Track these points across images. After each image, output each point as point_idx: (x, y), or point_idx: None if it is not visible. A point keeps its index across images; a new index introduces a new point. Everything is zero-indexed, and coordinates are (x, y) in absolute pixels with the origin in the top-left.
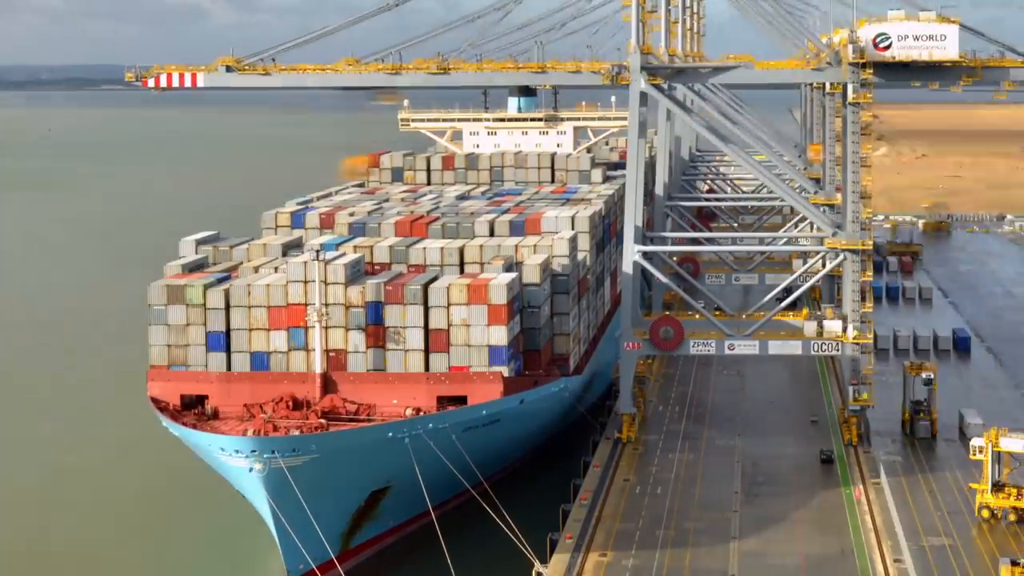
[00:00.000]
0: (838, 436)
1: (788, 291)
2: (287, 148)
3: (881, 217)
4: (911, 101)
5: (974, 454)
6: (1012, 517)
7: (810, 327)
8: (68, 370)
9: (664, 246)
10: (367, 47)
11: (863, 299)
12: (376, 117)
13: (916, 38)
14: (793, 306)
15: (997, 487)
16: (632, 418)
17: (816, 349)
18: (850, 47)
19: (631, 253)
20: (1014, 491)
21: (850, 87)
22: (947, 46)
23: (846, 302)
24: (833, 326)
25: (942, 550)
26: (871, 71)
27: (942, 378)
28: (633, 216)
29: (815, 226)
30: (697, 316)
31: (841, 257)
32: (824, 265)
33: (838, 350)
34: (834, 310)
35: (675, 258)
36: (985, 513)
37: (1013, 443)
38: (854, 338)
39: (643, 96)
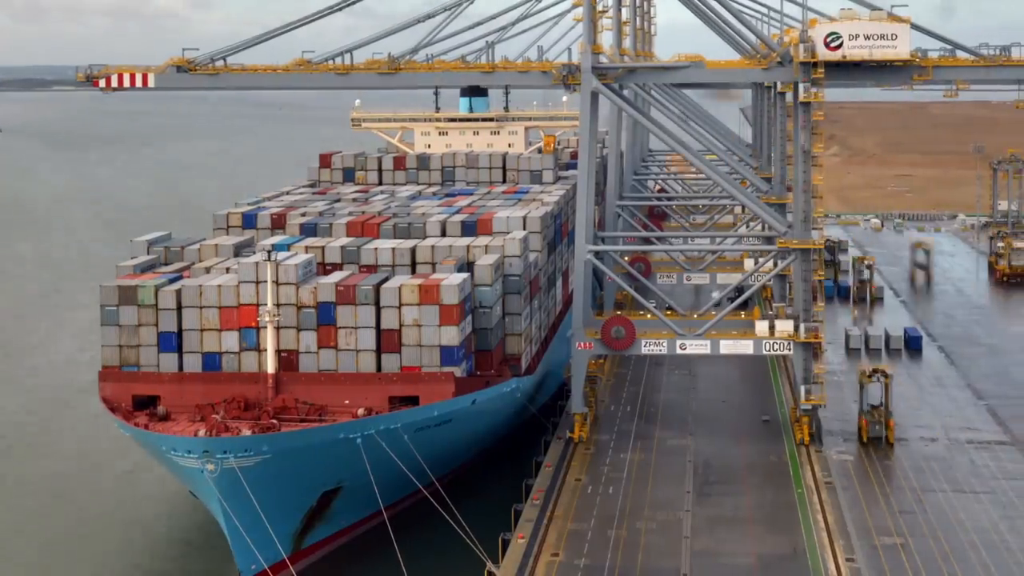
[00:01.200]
0: (790, 436)
1: (739, 291)
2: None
3: (834, 217)
4: (862, 100)
5: None
6: None
7: (761, 326)
8: (21, 370)
9: (615, 246)
10: (325, 48)
11: (814, 298)
12: None
13: (867, 37)
14: (744, 306)
15: None
16: (584, 418)
17: (768, 348)
18: (801, 47)
19: (583, 253)
20: None
21: (801, 87)
22: (898, 45)
23: (797, 301)
24: (784, 325)
25: (894, 549)
26: (822, 71)
27: (894, 377)
28: (584, 216)
29: (766, 225)
30: (649, 316)
31: (792, 256)
32: (775, 264)
33: (789, 349)
34: (786, 309)
35: (626, 258)
36: None
37: None
38: (805, 337)
39: (594, 96)
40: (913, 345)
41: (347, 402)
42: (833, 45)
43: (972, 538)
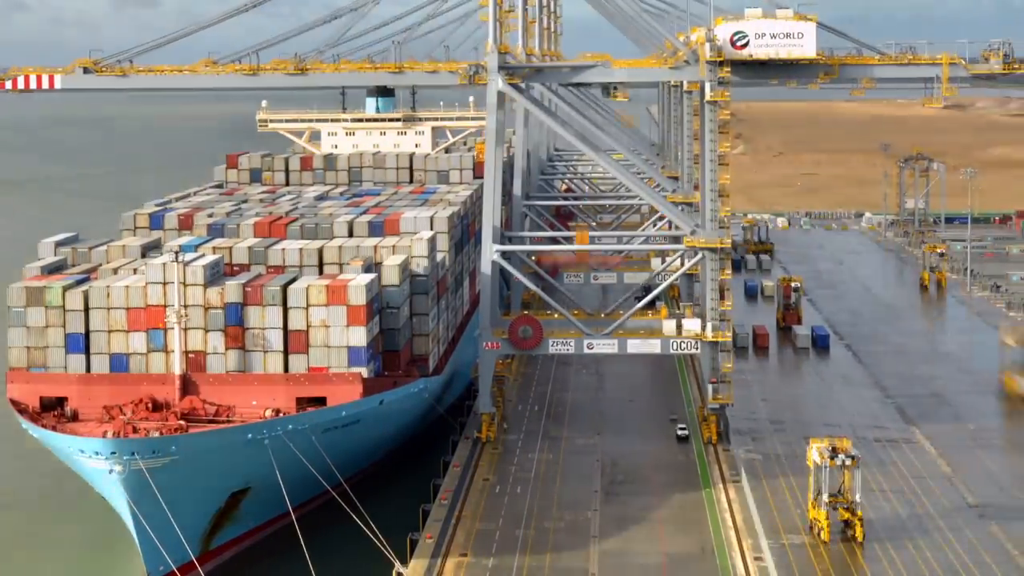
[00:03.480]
0: (698, 435)
1: (647, 290)
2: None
3: (740, 216)
4: (769, 98)
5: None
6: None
7: (669, 326)
8: None
9: (523, 245)
10: (234, 47)
11: (722, 297)
12: None
13: (773, 36)
14: (652, 305)
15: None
16: (491, 418)
17: (675, 348)
18: (707, 45)
19: (489, 253)
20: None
21: (707, 85)
22: (805, 44)
23: (705, 300)
24: (692, 325)
25: (802, 548)
26: (728, 69)
27: (802, 376)
28: (491, 216)
29: (673, 224)
30: (556, 315)
31: (699, 255)
32: (683, 263)
33: (697, 348)
34: (693, 308)
35: (533, 257)
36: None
37: None
38: (713, 336)
39: (500, 96)
40: (821, 344)
41: (255, 403)
42: (739, 44)
43: (880, 536)
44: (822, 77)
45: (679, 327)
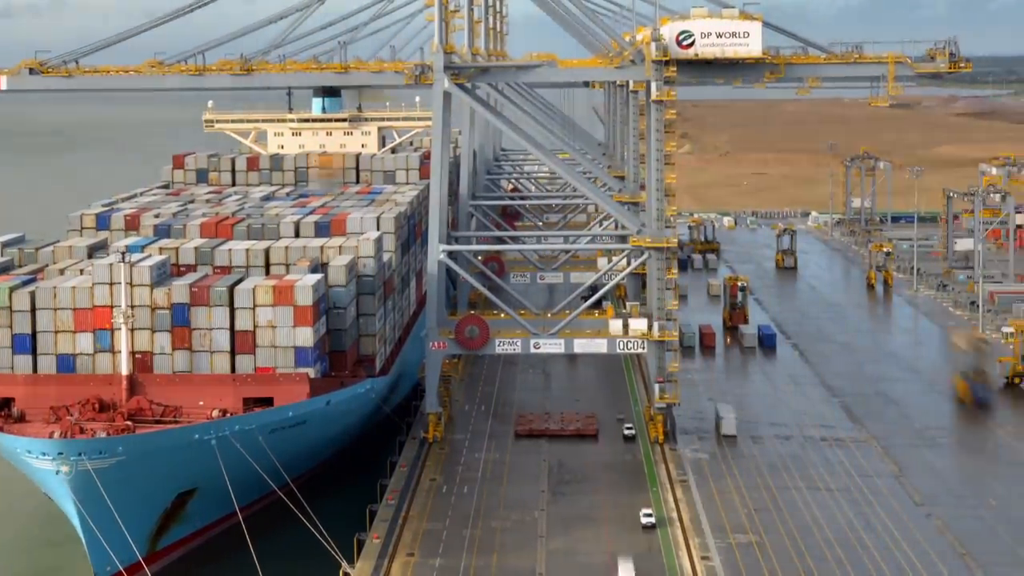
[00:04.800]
0: (644, 435)
1: (593, 289)
2: None
3: (686, 215)
4: (716, 98)
5: None
6: None
7: (615, 325)
8: None
9: (469, 245)
10: (182, 48)
11: (668, 296)
12: None
13: (719, 35)
14: (598, 304)
15: None
16: (438, 417)
17: (622, 347)
18: (653, 45)
19: (436, 253)
20: None
21: (653, 85)
22: (750, 43)
23: (651, 300)
24: (638, 324)
25: (749, 547)
26: (674, 69)
27: (749, 375)
28: (438, 216)
29: (620, 224)
30: (502, 315)
31: (646, 255)
32: (629, 263)
33: (643, 348)
34: (639, 308)
35: (480, 257)
36: None
37: None
38: (659, 336)
39: (447, 96)
40: (767, 343)
41: (202, 403)
42: (685, 43)
43: (827, 535)
44: (768, 76)
45: (626, 327)
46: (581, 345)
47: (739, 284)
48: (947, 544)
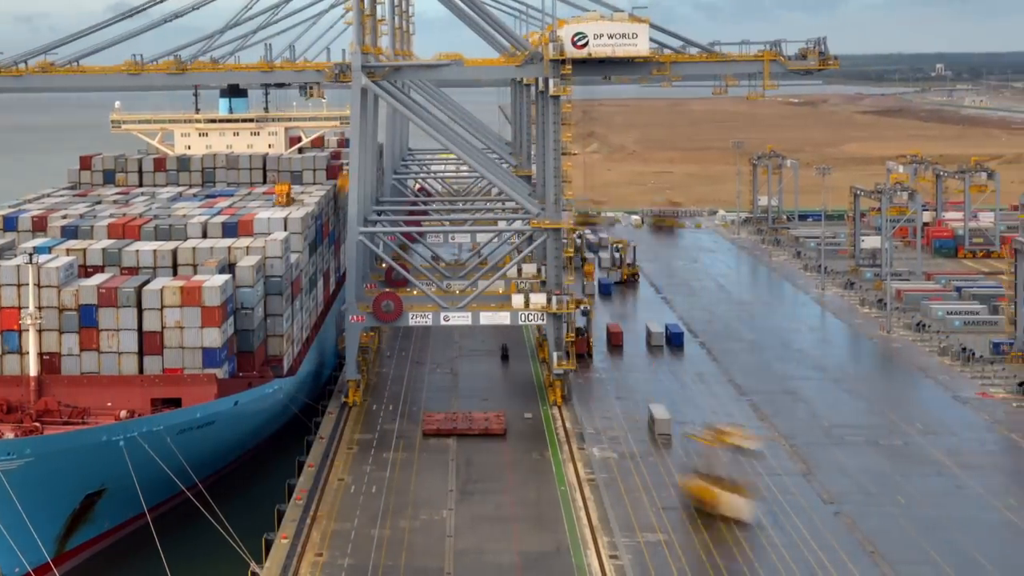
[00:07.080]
0: (552, 434)
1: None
2: None
3: (594, 212)
4: (622, 97)
5: None
6: None
7: (518, 299)
8: None
9: (384, 228)
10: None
11: (564, 274)
12: None
13: (611, 36)
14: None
15: None
16: (357, 384)
17: (524, 320)
18: (550, 45)
19: (355, 234)
20: None
21: (551, 82)
22: (638, 43)
23: (550, 277)
24: (538, 298)
25: (657, 546)
26: (570, 67)
27: (656, 373)
28: (357, 200)
29: (522, 208)
30: (415, 292)
31: (545, 235)
32: (531, 243)
33: (543, 320)
34: (539, 285)
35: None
36: None
37: None
38: (557, 309)
39: (364, 92)
40: (675, 341)
41: (110, 404)
42: (580, 44)
43: (735, 533)
44: (655, 73)
45: (527, 301)
46: (487, 318)
47: (617, 244)
48: (856, 543)
